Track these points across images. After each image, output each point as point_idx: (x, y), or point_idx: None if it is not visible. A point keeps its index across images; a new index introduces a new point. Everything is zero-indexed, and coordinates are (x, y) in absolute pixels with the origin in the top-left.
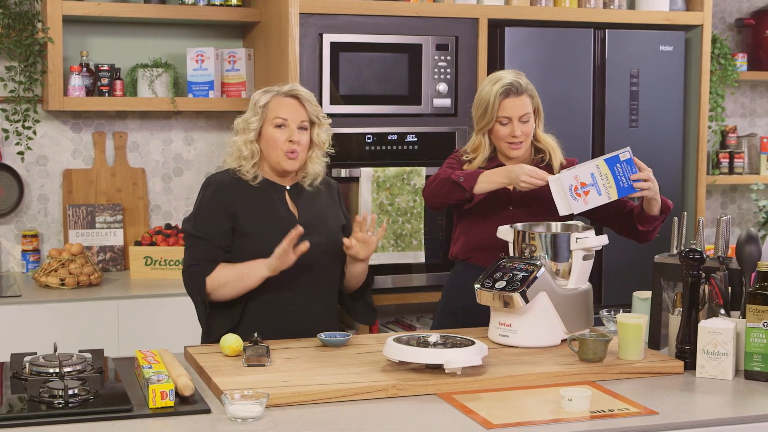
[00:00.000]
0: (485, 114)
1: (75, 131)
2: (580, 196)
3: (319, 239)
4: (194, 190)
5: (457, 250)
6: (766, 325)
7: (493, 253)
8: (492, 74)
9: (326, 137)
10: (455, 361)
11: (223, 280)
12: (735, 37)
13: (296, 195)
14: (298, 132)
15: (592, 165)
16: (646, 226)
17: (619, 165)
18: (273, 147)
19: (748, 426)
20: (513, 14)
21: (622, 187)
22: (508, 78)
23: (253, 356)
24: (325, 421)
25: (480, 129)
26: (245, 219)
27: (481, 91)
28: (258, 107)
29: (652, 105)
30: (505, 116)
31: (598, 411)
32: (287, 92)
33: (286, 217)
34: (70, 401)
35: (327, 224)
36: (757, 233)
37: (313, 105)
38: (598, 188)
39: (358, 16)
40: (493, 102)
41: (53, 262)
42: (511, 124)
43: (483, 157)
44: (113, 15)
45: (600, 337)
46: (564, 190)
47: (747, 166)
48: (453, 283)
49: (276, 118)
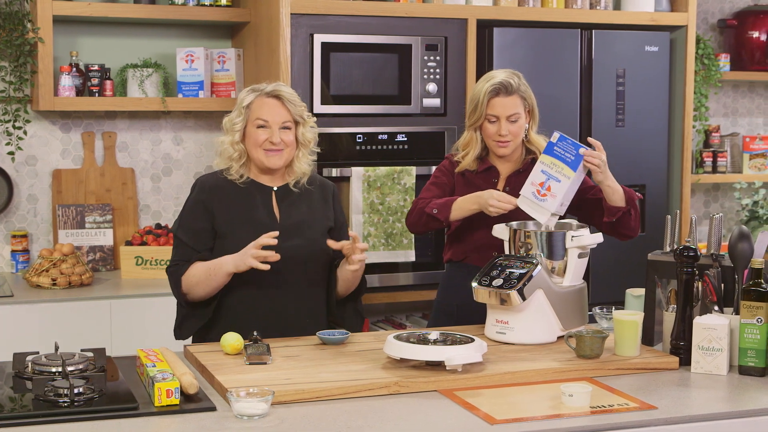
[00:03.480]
0: (475, 111)
1: (64, 131)
2: (545, 195)
3: (300, 242)
4: (183, 190)
5: (451, 254)
6: (759, 321)
7: (487, 253)
8: (489, 72)
9: (312, 136)
10: (456, 358)
11: (195, 279)
12: (717, 37)
13: (282, 197)
14: (281, 132)
15: (538, 164)
16: (609, 217)
17: (557, 148)
18: (254, 146)
19: (746, 420)
20: (501, 15)
21: (571, 161)
22: (499, 77)
23: (255, 354)
24: (330, 418)
25: (470, 125)
26: (222, 220)
27: (474, 88)
28: (242, 107)
29: (638, 105)
30: (494, 115)
31: (598, 406)
32: (269, 92)
33: (264, 219)
34: (75, 400)
35: (311, 227)
36: (749, 231)
37: (296, 105)
38: (554, 177)
39: (349, 17)
40: (482, 100)
41: (44, 262)
42: (499, 123)
43: (474, 154)
44: (103, 15)
45: (597, 334)
46: (530, 200)
47: (729, 165)
48: (448, 282)
49: (257, 119)
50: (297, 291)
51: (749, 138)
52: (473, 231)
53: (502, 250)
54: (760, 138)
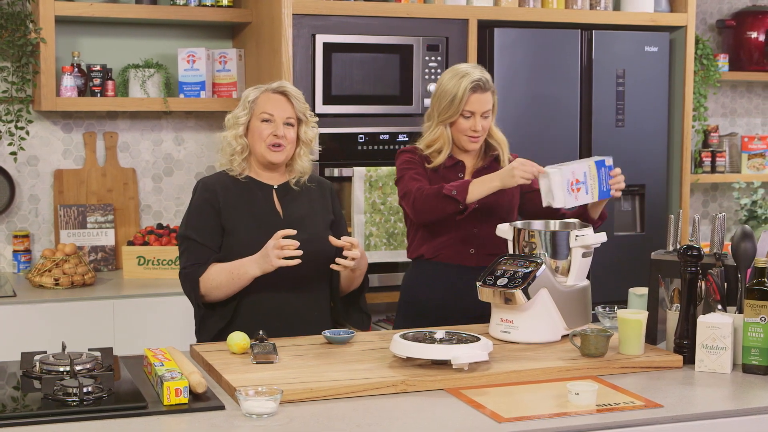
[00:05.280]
0: (450, 106)
1: (66, 131)
2: (573, 191)
3: (303, 236)
4: (184, 190)
5: (423, 250)
6: (763, 319)
7: (459, 250)
8: (455, 67)
9: (313, 135)
10: (463, 357)
11: (216, 282)
12: (716, 38)
13: (283, 194)
14: (284, 127)
15: (585, 164)
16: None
17: (603, 169)
18: (258, 140)
19: (752, 418)
20: (502, 15)
21: (602, 190)
22: (476, 73)
23: (261, 353)
24: (339, 417)
25: (442, 120)
26: (228, 216)
27: (446, 84)
28: (247, 102)
29: (638, 105)
30: (470, 110)
31: (605, 405)
32: (275, 89)
33: (269, 215)
34: (84, 399)
35: (313, 222)
36: (752, 230)
37: (301, 102)
38: (586, 187)
39: (351, 17)
40: (462, 96)
41: (47, 262)
42: (474, 119)
43: (446, 151)
44: (105, 15)
45: (601, 333)
46: (564, 182)
47: (728, 165)
48: (418, 279)
49: (263, 113)
50: (302, 285)
51: (747, 138)
52: (449, 229)
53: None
54: (758, 138)
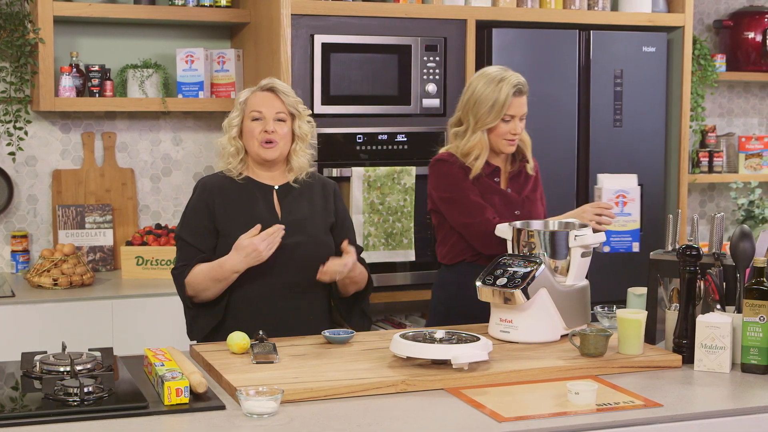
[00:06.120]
0: (491, 112)
1: (64, 132)
2: None
3: (302, 238)
4: (182, 191)
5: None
6: (762, 319)
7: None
8: (486, 71)
9: (308, 129)
10: (463, 357)
11: (202, 284)
12: (713, 38)
13: (284, 195)
14: (275, 123)
15: None
16: None
17: None
18: (250, 138)
19: (751, 417)
20: (500, 15)
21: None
22: (513, 77)
23: (261, 353)
24: (340, 416)
25: (481, 126)
26: (223, 218)
27: (483, 90)
28: (239, 103)
29: (636, 105)
30: (510, 114)
31: (604, 404)
32: (263, 86)
33: (266, 217)
34: (85, 399)
35: (313, 224)
36: (750, 230)
37: (290, 97)
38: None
39: (349, 17)
40: (505, 100)
41: (46, 262)
42: (513, 122)
43: (484, 157)
44: (103, 16)
45: (601, 333)
46: None
47: (725, 164)
48: (463, 281)
49: (252, 111)
50: (300, 286)
51: (745, 138)
52: None
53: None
54: (755, 138)
